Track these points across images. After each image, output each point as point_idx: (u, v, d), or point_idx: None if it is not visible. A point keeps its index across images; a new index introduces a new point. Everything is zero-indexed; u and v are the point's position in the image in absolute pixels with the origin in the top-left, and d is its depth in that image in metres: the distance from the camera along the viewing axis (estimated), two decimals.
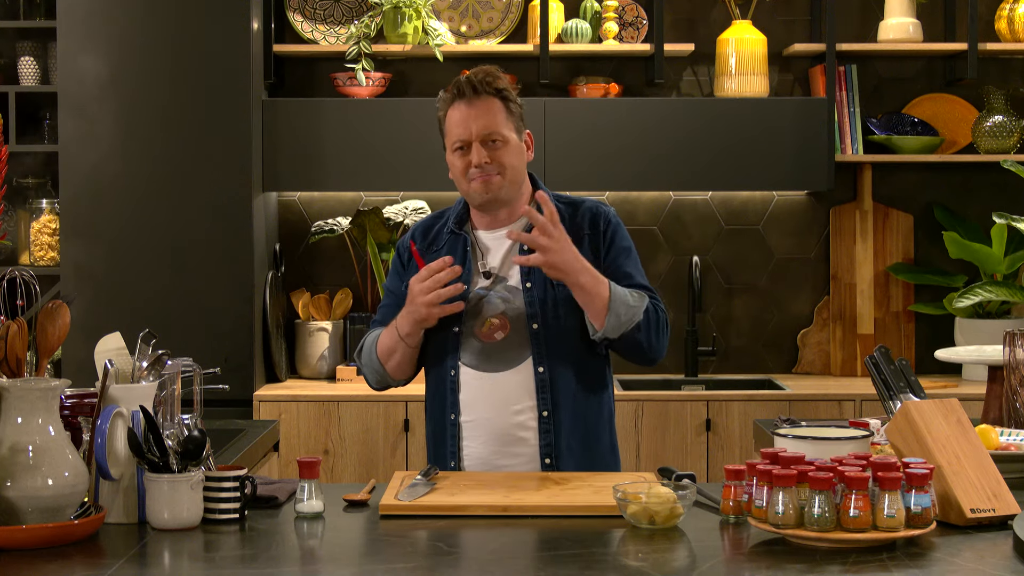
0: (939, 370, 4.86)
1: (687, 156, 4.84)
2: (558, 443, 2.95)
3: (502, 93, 2.98)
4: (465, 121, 2.95)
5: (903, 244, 5.14)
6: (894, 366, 3.01)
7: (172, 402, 2.61)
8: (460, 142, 2.96)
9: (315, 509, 2.53)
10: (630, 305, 2.90)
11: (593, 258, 2.97)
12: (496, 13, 5.11)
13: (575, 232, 2.98)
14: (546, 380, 2.94)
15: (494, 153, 2.95)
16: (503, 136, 2.96)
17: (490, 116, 2.95)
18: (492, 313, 2.97)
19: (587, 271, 2.86)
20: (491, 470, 2.95)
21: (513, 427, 2.95)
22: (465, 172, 2.96)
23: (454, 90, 2.99)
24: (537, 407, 2.94)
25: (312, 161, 4.82)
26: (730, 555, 2.29)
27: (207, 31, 4.60)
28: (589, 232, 3.02)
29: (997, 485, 2.44)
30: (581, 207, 3.06)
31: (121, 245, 4.60)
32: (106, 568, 2.19)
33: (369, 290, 5.09)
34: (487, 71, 3.00)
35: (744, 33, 4.94)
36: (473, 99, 2.96)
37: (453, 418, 2.99)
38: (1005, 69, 5.17)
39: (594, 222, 3.03)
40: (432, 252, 3.05)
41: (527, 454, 2.95)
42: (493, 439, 2.96)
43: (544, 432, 2.95)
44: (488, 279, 3.00)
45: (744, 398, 4.62)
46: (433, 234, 3.10)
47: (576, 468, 2.95)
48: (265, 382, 4.80)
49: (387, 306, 3.10)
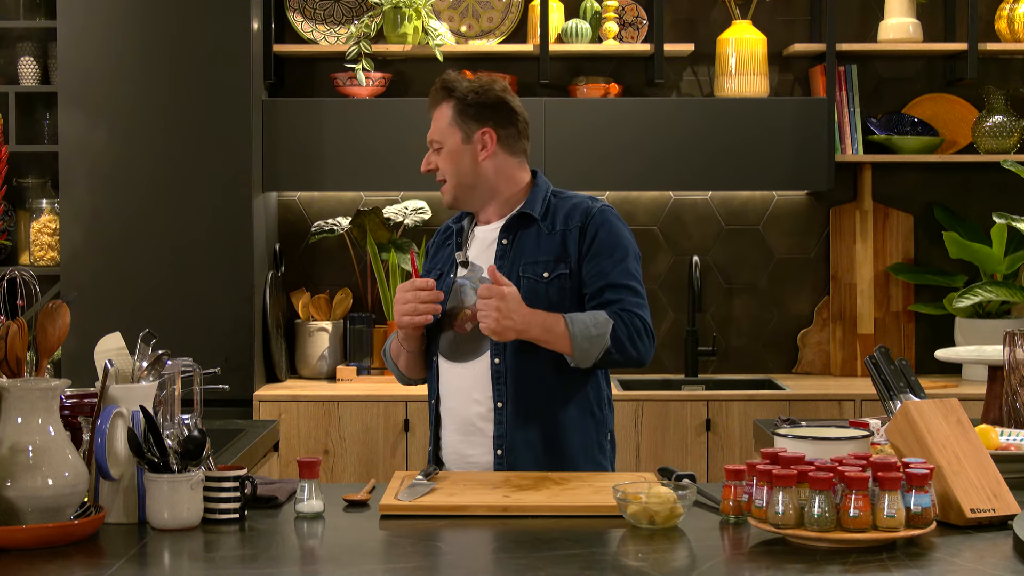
0: (939, 370, 4.86)
1: (687, 156, 4.84)
2: (512, 435, 2.95)
3: (454, 93, 3.04)
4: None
5: (903, 244, 5.14)
6: (894, 366, 3.01)
7: (172, 402, 2.61)
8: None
9: (315, 509, 2.53)
10: (593, 337, 2.88)
11: (561, 254, 2.98)
12: (496, 13, 5.11)
13: (552, 227, 3.02)
14: (502, 371, 2.96)
15: (438, 160, 3.05)
16: (443, 144, 3.04)
17: (436, 122, 3.05)
18: (465, 304, 3.02)
19: (535, 325, 2.86)
20: (460, 459, 3.01)
21: (473, 417, 3.00)
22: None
23: None
24: (493, 398, 2.97)
25: (312, 161, 4.82)
26: (730, 555, 2.29)
27: (207, 31, 4.60)
28: (571, 228, 3.01)
29: (997, 485, 2.44)
30: (572, 202, 3.06)
31: (121, 245, 4.60)
32: (106, 568, 2.19)
33: (369, 290, 5.09)
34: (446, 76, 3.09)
35: (744, 33, 4.94)
36: (431, 104, 3.07)
37: (434, 403, 3.07)
38: (1005, 69, 5.17)
39: (574, 218, 3.02)
40: (444, 247, 3.14)
41: (484, 444, 2.98)
42: (459, 428, 3.02)
43: (497, 423, 2.97)
44: (464, 268, 3.05)
45: (744, 398, 4.62)
46: (449, 231, 3.18)
47: (537, 465, 2.94)
48: (265, 382, 4.80)
49: None
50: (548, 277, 2.97)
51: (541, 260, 2.98)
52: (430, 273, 3.12)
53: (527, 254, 2.99)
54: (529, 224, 3.03)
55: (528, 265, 2.98)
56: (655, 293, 5.13)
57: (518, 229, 3.03)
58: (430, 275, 3.10)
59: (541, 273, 2.97)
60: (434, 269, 3.13)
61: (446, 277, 3.07)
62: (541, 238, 3.00)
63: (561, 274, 2.97)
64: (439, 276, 3.08)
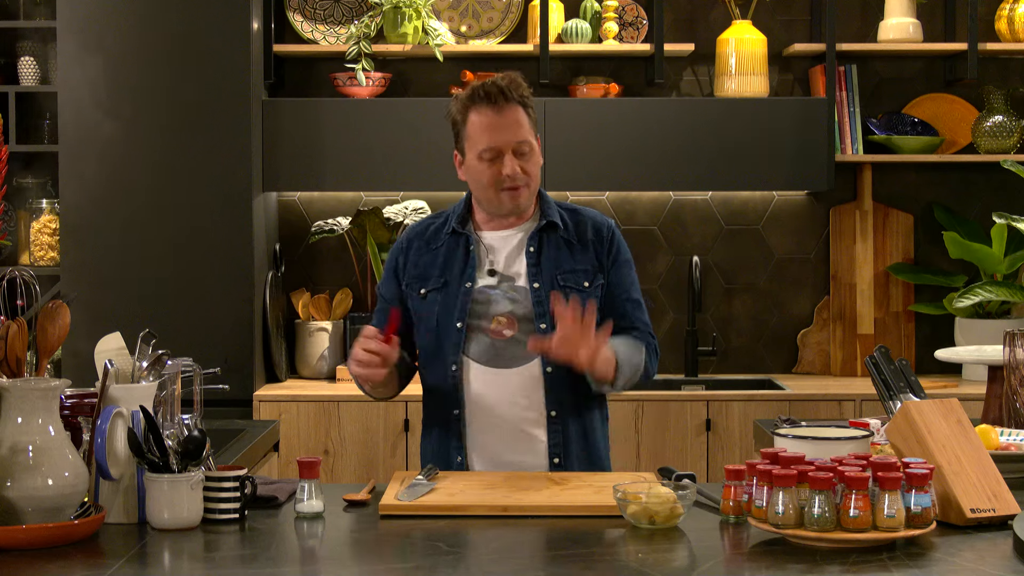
0: (939, 370, 4.86)
1: (687, 156, 4.84)
2: (567, 443, 2.98)
3: (525, 101, 2.97)
4: (496, 129, 2.93)
5: (903, 244, 5.14)
6: (894, 366, 3.01)
7: (172, 402, 2.61)
8: (491, 151, 2.94)
9: (315, 509, 2.53)
10: (634, 365, 2.96)
11: (596, 265, 3.02)
12: (496, 13, 5.11)
13: (579, 238, 3.03)
14: (554, 379, 2.96)
15: (524, 164, 2.95)
16: (531, 144, 2.97)
17: (519, 125, 2.94)
18: (499, 311, 2.97)
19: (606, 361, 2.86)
20: (500, 466, 2.96)
21: (523, 424, 2.97)
22: (494, 181, 2.95)
23: (479, 93, 2.94)
24: (546, 406, 2.96)
25: (312, 161, 4.82)
26: (730, 555, 2.29)
27: (207, 31, 4.60)
28: (593, 239, 3.04)
29: (997, 485, 2.44)
30: (583, 214, 3.09)
31: (121, 245, 4.60)
32: (106, 568, 2.19)
33: (369, 290, 5.09)
34: (511, 78, 2.98)
35: (744, 33, 4.94)
36: (503, 107, 2.93)
37: (456, 413, 2.98)
38: (1005, 69, 5.17)
39: (597, 231, 3.06)
40: (431, 250, 3.05)
41: (537, 451, 2.97)
42: (503, 435, 2.97)
43: (553, 432, 2.97)
44: (493, 276, 3.00)
45: (744, 398, 4.62)
46: (430, 234, 3.08)
47: (580, 468, 2.98)
48: (265, 382, 4.80)
49: (380, 311, 3.12)
50: (589, 287, 3.00)
51: (579, 269, 3.01)
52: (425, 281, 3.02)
53: (562, 263, 3.00)
54: (551, 232, 3.03)
55: (567, 274, 2.99)
56: (655, 293, 5.13)
57: (541, 236, 3.03)
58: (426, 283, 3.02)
59: (582, 283, 3.00)
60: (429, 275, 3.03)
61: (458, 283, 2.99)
62: (571, 248, 3.02)
63: (599, 284, 3.02)
64: (444, 283, 3.00)
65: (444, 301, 2.99)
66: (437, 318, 2.99)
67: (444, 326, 2.98)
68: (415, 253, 3.07)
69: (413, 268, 3.06)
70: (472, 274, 2.99)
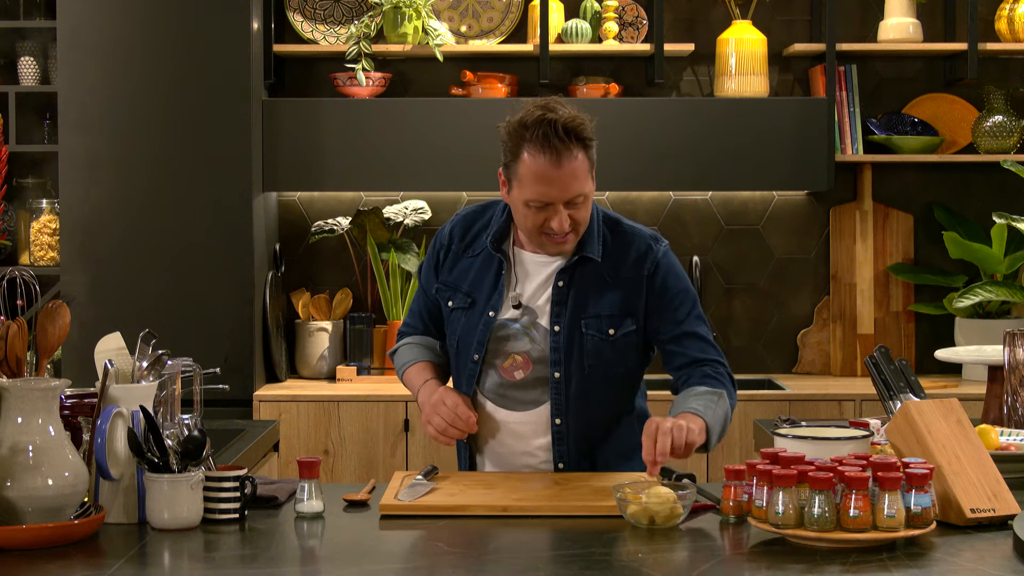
0: (939, 370, 4.86)
1: (687, 156, 4.84)
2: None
3: (587, 143, 2.72)
4: (550, 183, 2.69)
5: (903, 244, 5.14)
6: (894, 366, 3.01)
7: (172, 402, 2.61)
8: (541, 202, 2.72)
9: (315, 509, 2.53)
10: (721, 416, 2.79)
11: (628, 307, 2.83)
12: (496, 13, 5.11)
13: (615, 271, 2.84)
14: (564, 433, 2.85)
15: (575, 212, 2.75)
16: (586, 194, 2.74)
17: (575, 178, 2.70)
18: (516, 349, 2.85)
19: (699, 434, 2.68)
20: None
21: (529, 467, 2.89)
22: (539, 229, 2.76)
23: (537, 134, 2.69)
24: (554, 458, 2.87)
25: (312, 161, 4.82)
26: (730, 555, 2.29)
27: (207, 31, 4.60)
28: (631, 275, 2.84)
29: (997, 485, 2.44)
30: (627, 236, 2.87)
31: (121, 245, 4.60)
32: (106, 568, 2.19)
33: (369, 290, 5.09)
34: (575, 118, 2.71)
35: (744, 33, 4.94)
36: (562, 155, 2.67)
37: (466, 440, 2.94)
38: (1005, 69, 5.17)
39: (638, 262, 2.85)
40: (468, 257, 2.92)
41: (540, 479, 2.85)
42: (506, 467, 2.91)
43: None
44: (517, 309, 2.86)
45: (744, 398, 4.61)
46: (472, 235, 2.93)
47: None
48: (265, 382, 4.80)
49: (418, 300, 3.02)
50: (614, 335, 2.83)
51: (604, 315, 2.82)
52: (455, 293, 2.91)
53: (590, 306, 2.82)
54: (587, 265, 2.84)
55: (592, 320, 2.82)
56: None
57: (575, 270, 2.84)
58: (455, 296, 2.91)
59: (607, 330, 2.82)
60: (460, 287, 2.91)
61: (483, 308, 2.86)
62: (603, 286, 2.83)
63: (628, 332, 2.84)
64: (471, 304, 2.88)
65: (467, 324, 2.88)
66: (458, 341, 2.90)
67: (463, 354, 2.90)
68: (453, 254, 2.94)
69: (447, 273, 2.94)
70: (497, 303, 2.85)
